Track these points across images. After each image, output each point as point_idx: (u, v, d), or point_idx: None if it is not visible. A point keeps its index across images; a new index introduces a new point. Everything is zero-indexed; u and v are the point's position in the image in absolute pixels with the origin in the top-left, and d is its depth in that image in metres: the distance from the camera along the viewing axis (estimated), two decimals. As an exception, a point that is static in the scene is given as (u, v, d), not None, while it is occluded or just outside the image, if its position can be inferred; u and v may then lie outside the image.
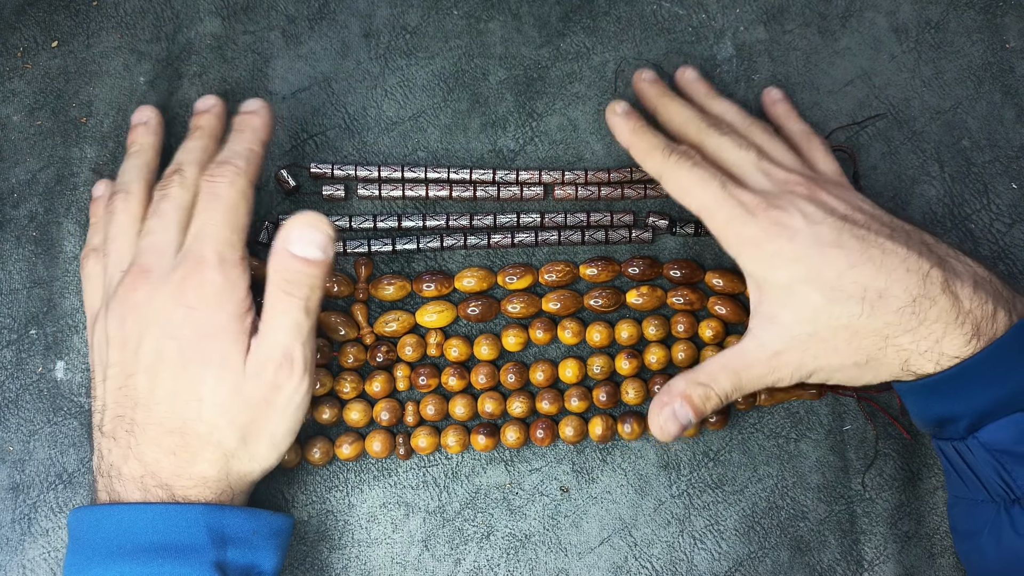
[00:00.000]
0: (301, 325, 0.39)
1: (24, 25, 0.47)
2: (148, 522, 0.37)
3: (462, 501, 0.45)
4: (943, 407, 0.40)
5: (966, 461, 0.40)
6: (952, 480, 0.42)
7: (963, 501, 0.42)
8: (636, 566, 0.45)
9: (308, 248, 0.38)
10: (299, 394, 0.40)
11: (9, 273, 0.45)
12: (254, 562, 0.39)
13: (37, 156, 0.46)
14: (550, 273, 0.46)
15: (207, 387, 0.39)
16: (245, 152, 0.42)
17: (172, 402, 0.39)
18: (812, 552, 0.46)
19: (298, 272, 0.39)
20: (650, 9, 0.49)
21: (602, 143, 0.47)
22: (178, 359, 0.39)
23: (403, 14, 0.48)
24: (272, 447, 0.40)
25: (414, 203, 0.47)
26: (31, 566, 0.43)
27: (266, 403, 0.39)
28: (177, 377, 0.39)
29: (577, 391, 0.45)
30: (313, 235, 0.38)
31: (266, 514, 0.40)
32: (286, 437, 0.40)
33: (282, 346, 0.39)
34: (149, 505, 0.38)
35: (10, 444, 0.44)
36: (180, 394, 0.39)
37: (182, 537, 0.37)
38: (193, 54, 0.47)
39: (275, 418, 0.40)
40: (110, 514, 0.38)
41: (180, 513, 0.38)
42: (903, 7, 0.49)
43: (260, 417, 0.39)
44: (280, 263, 0.39)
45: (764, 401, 0.46)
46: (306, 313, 0.39)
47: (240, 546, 0.39)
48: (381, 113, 0.47)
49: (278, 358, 0.39)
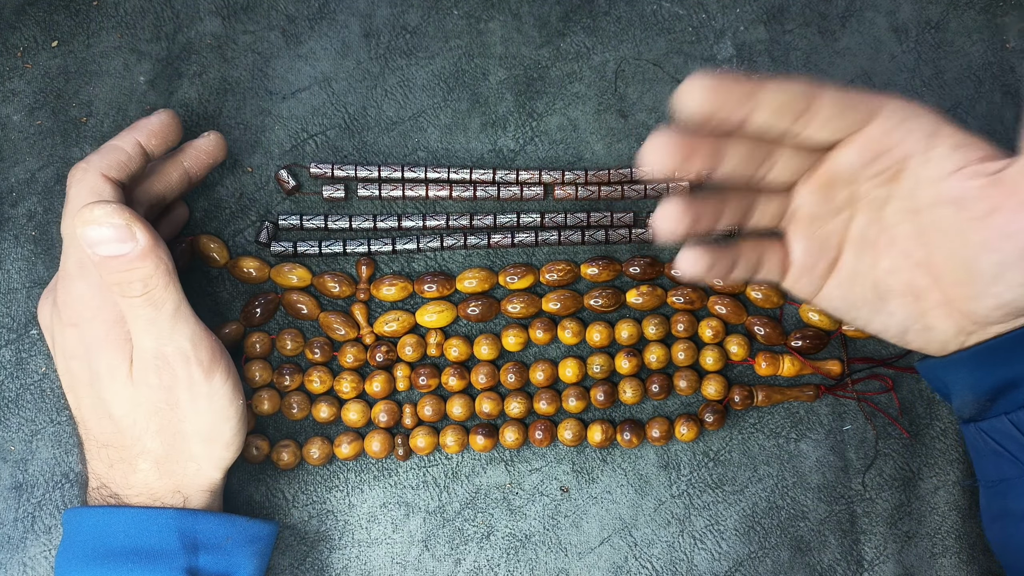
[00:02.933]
0: (155, 320, 0.37)
1: (24, 25, 0.47)
2: (120, 526, 0.38)
3: (462, 501, 0.45)
4: (1008, 371, 0.38)
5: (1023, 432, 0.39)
6: (996, 462, 0.40)
7: (1013, 482, 0.40)
8: (636, 566, 0.45)
9: (108, 246, 0.35)
10: (201, 387, 0.38)
11: (8, 273, 0.45)
12: (228, 568, 0.39)
13: (37, 156, 0.46)
14: (551, 273, 0.46)
15: (110, 401, 0.38)
16: (105, 147, 0.39)
17: (94, 418, 0.39)
18: (812, 552, 0.46)
19: (116, 272, 0.35)
20: (650, 9, 0.49)
21: (602, 143, 0.47)
22: (84, 377, 0.38)
23: (403, 14, 0.48)
24: (208, 444, 0.39)
25: (414, 203, 0.47)
26: (31, 564, 0.43)
27: (168, 406, 0.38)
28: (88, 395, 0.38)
29: (575, 391, 0.45)
30: (101, 232, 0.35)
31: (242, 520, 0.40)
32: (220, 431, 0.39)
33: (148, 349, 0.37)
34: (122, 509, 0.38)
35: (11, 444, 0.44)
36: (95, 410, 0.39)
37: (153, 542, 0.38)
38: (193, 54, 0.47)
39: (189, 417, 0.38)
40: (88, 517, 0.38)
41: (152, 518, 0.38)
42: (903, 7, 0.49)
43: (172, 420, 0.38)
44: (100, 269, 0.36)
45: (762, 401, 0.46)
46: (154, 307, 0.36)
47: (213, 552, 0.38)
48: (381, 113, 0.47)
49: (151, 361, 0.37)
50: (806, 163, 0.39)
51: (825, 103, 0.36)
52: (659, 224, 0.36)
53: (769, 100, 0.34)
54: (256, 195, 0.46)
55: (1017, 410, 0.39)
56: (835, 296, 0.41)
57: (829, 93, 0.36)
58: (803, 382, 0.47)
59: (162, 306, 0.36)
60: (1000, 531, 0.42)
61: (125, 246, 0.35)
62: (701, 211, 0.37)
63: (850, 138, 0.37)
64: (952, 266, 0.37)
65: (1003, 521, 0.41)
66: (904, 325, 0.40)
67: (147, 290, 0.36)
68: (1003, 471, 0.40)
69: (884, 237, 0.39)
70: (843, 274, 0.40)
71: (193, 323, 0.38)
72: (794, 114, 0.35)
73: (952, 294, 0.38)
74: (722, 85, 0.33)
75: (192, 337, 0.38)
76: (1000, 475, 0.41)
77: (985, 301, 0.37)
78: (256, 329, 0.45)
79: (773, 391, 0.46)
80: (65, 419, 0.44)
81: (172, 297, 0.37)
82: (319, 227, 0.46)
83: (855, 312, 0.41)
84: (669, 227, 0.36)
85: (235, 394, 0.39)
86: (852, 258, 0.40)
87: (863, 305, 0.41)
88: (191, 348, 0.37)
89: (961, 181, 0.36)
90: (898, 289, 0.40)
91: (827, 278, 0.41)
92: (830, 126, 0.36)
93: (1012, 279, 0.36)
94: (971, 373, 0.40)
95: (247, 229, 0.46)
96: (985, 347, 0.39)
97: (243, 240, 0.46)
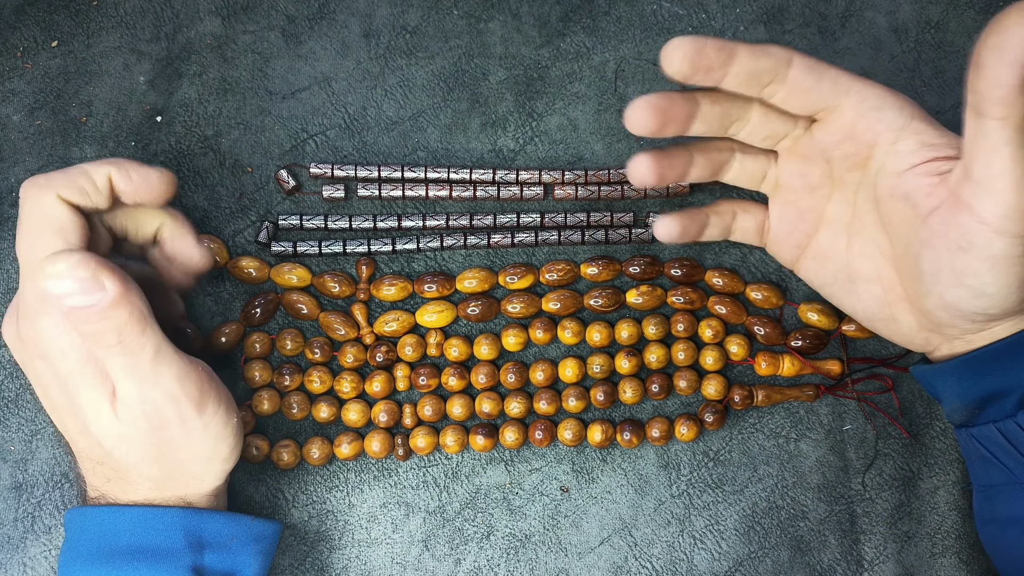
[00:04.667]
0: (135, 367, 0.34)
1: (24, 25, 0.47)
2: (126, 525, 0.38)
3: (462, 501, 0.45)
4: (994, 381, 0.39)
5: (1011, 441, 0.39)
6: (986, 468, 0.41)
7: (1001, 488, 0.40)
8: (636, 566, 0.45)
9: (74, 298, 0.32)
10: (193, 422, 0.36)
11: (8, 272, 0.45)
12: (233, 567, 0.39)
13: (37, 156, 0.46)
14: (551, 272, 0.46)
15: (97, 435, 0.36)
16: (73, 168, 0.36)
17: (84, 442, 0.38)
18: (812, 552, 0.46)
19: (86, 324, 0.33)
20: (650, 9, 0.49)
21: (602, 143, 0.47)
22: (65, 405, 0.37)
23: (403, 14, 0.48)
24: (207, 463, 0.38)
25: (414, 203, 0.47)
26: (31, 564, 0.43)
27: (161, 442, 0.36)
28: (73, 422, 0.37)
29: (575, 391, 0.45)
30: (65, 285, 0.32)
31: (247, 519, 0.40)
32: (218, 451, 0.38)
33: (132, 394, 0.35)
34: (127, 508, 0.38)
35: (11, 444, 0.44)
36: (84, 436, 0.37)
37: (159, 541, 0.37)
38: (193, 54, 0.47)
39: (184, 447, 0.37)
40: (92, 516, 0.38)
41: (157, 516, 0.38)
42: (903, 7, 0.49)
43: (167, 451, 0.37)
44: (69, 320, 0.33)
45: (762, 401, 0.46)
46: (132, 354, 0.34)
47: (218, 551, 0.38)
48: (381, 113, 0.47)
49: (136, 408, 0.35)
50: (781, 130, 0.40)
51: (795, 72, 0.37)
52: (633, 174, 0.38)
53: (742, 62, 0.36)
54: (256, 195, 0.46)
55: (1005, 419, 0.39)
56: (811, 269, 0.43)
57: (801, 63, 0.37)
58: (803, 382, 0.47)
59: (140, 352, 0.34)
60: (991, 535, 0.42)
61: (93, 297, 0.32)
62: (674, 161, 0.39)
63: (825, 115, 0.39)
64: (904, 261, 0.38)
65: (993, 526, 0.42)
66: (872, 312, 0.42)
67: (122, 339, 0.33)
68: (992, 477, 0.41)
69: (857, 221, 0.41)
70: (818, 249, 0.42)
71: (177, 362, 0.35)
72: (763, 82, 0.37)
73: (908, 290, 0.39)
74: (701, 46, 0.35)
75: (178, 376, 0.35)
76: (989, 481, 0.41)
77: (931, 300, 0.38)
78: (256, 329, 0.45)
79: (773, 391, 0.46)
80: (65, 419, 0.44)
81: (151, 341, 0.34)
82: (319, 227, 0.46)
83: (829, 289, 0.43)
84: (642, 176, 0.38)
85: (229, 416, 0.38)
86: (828, 236, 0.42)
87: (834, 283, 0.42)
88: (178, 387, 0.35)
89: (915, 178, 0.37)
90: (866, 275, 0.41)
91: (804, 249, 0.43)
92: (799, 97, 0.38)
93: (945, 279, 0.36)
94: (959, 382, 0.40)
95: (247, 229, 0.46)
96: (972, 356, 0.39)
97: (243, 240, 0.46)
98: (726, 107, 0.39)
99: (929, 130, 0.38)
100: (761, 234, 0.44)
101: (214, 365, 0.45)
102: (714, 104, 0.39)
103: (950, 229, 0.35)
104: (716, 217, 0.43)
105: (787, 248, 0.43)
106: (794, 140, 0.41)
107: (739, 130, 0.40)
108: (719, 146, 0.42)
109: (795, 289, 0.47)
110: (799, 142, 0.41)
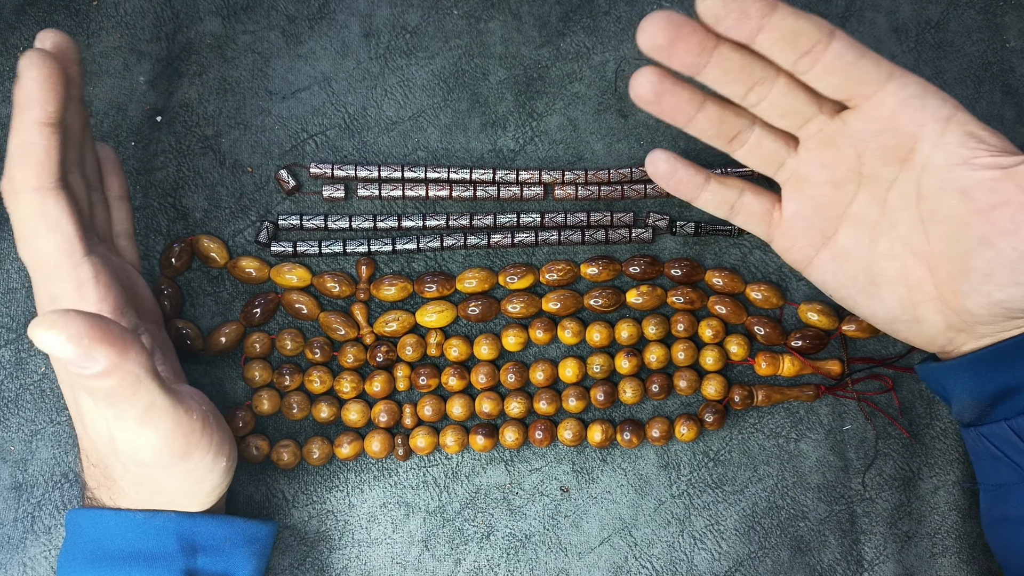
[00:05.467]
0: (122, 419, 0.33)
1: (24, 25, 0.47)
2: (118, 529, 0.38)
3: (462, 501, 0.45)
4: (1009, 376, 0.38)
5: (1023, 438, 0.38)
6: (996, 467, 0.40)
7: (1013, 487, 0.40)
8: (636, 566, 0.45)
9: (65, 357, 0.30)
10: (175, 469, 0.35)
11: (8, 272, 0.45)
12: (227, 570, 0.39)
13: (37, 156, 0.46)
14: (551, 272, 0.46)
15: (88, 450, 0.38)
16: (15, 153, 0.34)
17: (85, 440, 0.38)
18: (812, 552, 0.46)
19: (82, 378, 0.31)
20: (650, 9, 0.49)
21: (602, 143, 0.47)
22: (71, 402, 0.38)
23: (403, 14, 0.48)
24: (190, 496, 0.38)
25: (414, 203, 0.47)
26: (31, 564, 0.43)
27: (142, 476, 0.36)
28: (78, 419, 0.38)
29: (575, 391, 0.45)
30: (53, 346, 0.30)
31: (240, 521, 0.40)
32: (200, 489, 0.37)
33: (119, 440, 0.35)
34: (120, 512, 0.38)
35: (11, 444, 0.44)
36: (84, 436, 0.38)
37: (152, 545, 0.37)
38: (193, 54, 0.47)
39: (165, 483, 0.37)
40: (87, 519, 0.38)
41: (150, 520, 0.38)
42: (903, 7, 0.49)
43: (146, 483, 0.37)
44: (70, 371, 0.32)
45: (762, 401, 0.46)
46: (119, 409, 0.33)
47: (211, 554, 0.38)
48: (381, 113, 0.47)
49: (119, 453, 0.35)
50: (804, 111, 0.37)
51: (837, 45, 0.34)
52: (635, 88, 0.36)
53: (783, 16, 0.33)
54: (256, 195, 0.46)
55: (1017, 416, 0.38)
56: (827, 270, 0.40)
57: (844, 37, 0.34)
58: (803, 382, 0.47)
59: (129, 409, 0.33)
60: (1000, 535, 0.41)
61: (82, 366, 0.30)
62: (682, 90, 0.36)
63: (861, 102, 0.36)
64: (948, 259, 0.37)
65: (1003, 526, 0.41)
66: (893, 314, 0.40)
67: (110, 398, 0.32)
68: (1002, 476, 0.40)
69: (886, 220, 0.38)
70: (838, 249, 0.40)
71: (169, 414, 0.34)
72: (801, 48, 0.34)
73: (944, 288, 0.38)
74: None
75: (166, 430, 0.34)
76: (1000, 480, 0.40)
77: (976, 299, 0.36)
78: (256, 329, 0.45)
79: (773, 391, 0.46)
80: (65, 419, 0.44)
81: (143, 400, 0.33)
82: (319, 227, 0.46)
83: (845, 291, 0.40)
84: (642, 90, 0.36)
85: (216, 461, 0.37)
86: (850, 235, 0.39)
87: (853, 285, 0.40)
88: (163, 441, 0.34)
89: (972, 171, 0.35)
90: (892, 276, 0.39)
91: (820, 249, 0.40)
92: (837, 74, 0.35)
93: (1002, 278, 0.35)
94: (971, 378, 0.39)
95: (247, 229, 0.46)
96: (986, 352, 0.38)
97: (243, 240, 0.46)
98: (750, 60, 0.35)
99: (973, 122, 0.36)
100: (767, 223, 0.41)
101: (214, 365, 0.45)
102: (736, 51, 0.35)
103: (1020, 227, 0.34)
104: (720, 186, 0.40)
105: (800, 247, 0.40)
106: (820, 127, 0.38)
107: (760, 97, 0.36)
108: (736, 109, 0.38)
109: (795, 289, 0.47)
110: (826, 130, 0.37)
